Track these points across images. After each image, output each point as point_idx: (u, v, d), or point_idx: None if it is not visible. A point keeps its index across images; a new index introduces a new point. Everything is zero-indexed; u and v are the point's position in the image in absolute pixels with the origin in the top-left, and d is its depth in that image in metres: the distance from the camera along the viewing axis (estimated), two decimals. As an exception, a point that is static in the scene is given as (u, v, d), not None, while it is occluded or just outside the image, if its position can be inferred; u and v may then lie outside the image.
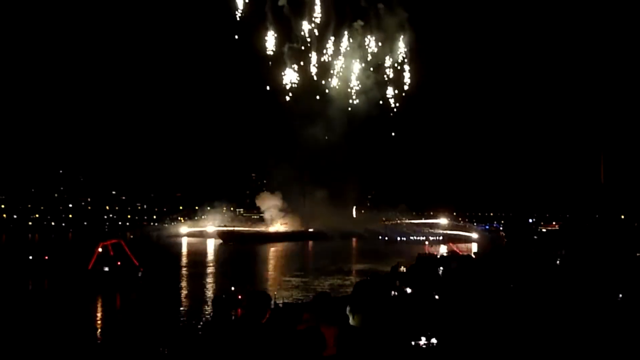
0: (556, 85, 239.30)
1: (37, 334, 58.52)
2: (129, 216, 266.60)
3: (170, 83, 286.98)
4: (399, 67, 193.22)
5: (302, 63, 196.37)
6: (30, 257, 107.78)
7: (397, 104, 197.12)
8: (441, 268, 65.12)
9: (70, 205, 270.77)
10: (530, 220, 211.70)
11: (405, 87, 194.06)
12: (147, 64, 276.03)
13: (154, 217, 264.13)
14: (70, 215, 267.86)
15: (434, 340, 23.53)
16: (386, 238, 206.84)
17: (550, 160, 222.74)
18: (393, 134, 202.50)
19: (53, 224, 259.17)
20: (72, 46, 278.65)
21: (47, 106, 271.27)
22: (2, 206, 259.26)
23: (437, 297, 37.24)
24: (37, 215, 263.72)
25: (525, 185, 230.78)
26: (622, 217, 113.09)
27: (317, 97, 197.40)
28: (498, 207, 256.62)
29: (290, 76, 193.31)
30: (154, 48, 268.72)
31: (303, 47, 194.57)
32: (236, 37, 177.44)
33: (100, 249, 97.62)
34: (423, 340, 23.03)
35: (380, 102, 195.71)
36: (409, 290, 39.84)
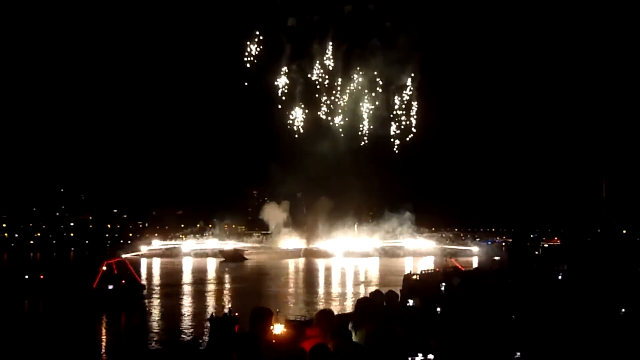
0: (559, 100, 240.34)
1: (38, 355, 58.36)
2: (130, 234, 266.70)
3: (171, 99, 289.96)
4: (408, 96, 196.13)
5: (311, 75, 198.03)
6: (27, 277, 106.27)
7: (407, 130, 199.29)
8: (443, 284, 65.01)
9: (72, 224, 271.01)
10: (532, 236, 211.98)
11: (413, 113, 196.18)
12: (150, 86, 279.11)
13: (155, 234, 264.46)
14: (72, 234, 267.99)
15: (430, 357, 23.61)
16: None
17: (552, 176, 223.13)
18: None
19: (55, 242, 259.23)
20: (83, 65, 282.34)
21: (48, 125, 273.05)
22: (4, 225, 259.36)
23: (439, 312, 37.32)
24: (38, 234, 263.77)
25: (527, 201, 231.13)
26: (624, 231, 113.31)
27: (324, 113, 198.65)
28: (500, 222, 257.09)
29: (298, 114, 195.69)
30: (157, 72, 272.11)
31: (315, 72, 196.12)
32: (245, 83, 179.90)
33: (104, 268, 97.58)
34: (420, 357, 23.08)
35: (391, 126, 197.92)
36: (410, 302, 39.88)
